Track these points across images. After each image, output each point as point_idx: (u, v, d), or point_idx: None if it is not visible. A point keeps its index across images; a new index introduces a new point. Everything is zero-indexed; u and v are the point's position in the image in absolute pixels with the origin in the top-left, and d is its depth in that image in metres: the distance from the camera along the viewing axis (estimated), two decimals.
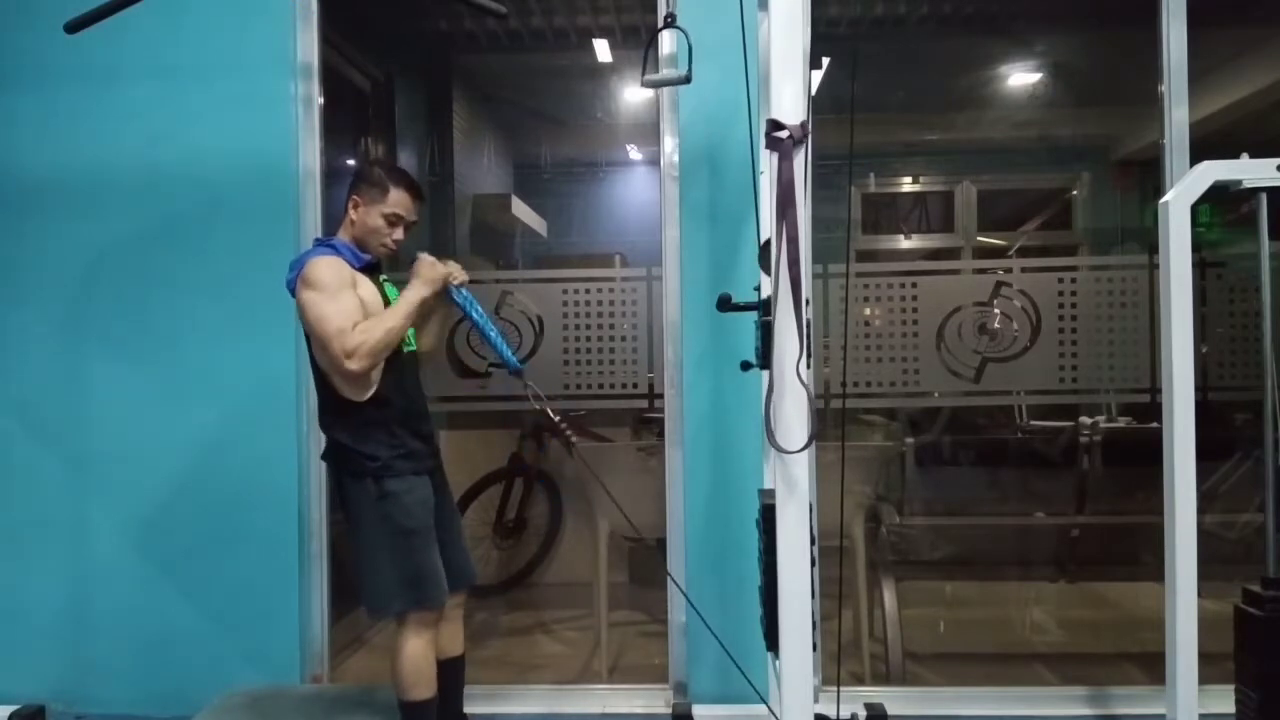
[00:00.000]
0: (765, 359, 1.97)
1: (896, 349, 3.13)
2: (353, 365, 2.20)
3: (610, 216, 6.46)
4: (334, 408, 2.34)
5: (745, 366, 2.24)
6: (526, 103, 6.13)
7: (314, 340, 2.28)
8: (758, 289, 2.26)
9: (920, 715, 2.89)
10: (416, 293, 2.34)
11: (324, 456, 2.44)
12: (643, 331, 3.19)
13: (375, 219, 2.35)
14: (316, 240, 2.48)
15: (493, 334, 2.45)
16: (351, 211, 2.37)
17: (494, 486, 4.23)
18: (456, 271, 2.43)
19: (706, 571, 2.95)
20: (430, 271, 2.37)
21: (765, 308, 1.98)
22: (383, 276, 2.45)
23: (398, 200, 2.36)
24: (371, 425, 2.31)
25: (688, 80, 2.35)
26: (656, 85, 2.72)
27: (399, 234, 2.39)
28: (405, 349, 2.39)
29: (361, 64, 4.27)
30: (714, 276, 2.94)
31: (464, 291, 2.43)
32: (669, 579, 2.97)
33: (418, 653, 2.32)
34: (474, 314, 2.44)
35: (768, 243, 1.95)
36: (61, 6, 2.47)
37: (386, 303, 2.36)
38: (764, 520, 2.07)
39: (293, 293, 2.32)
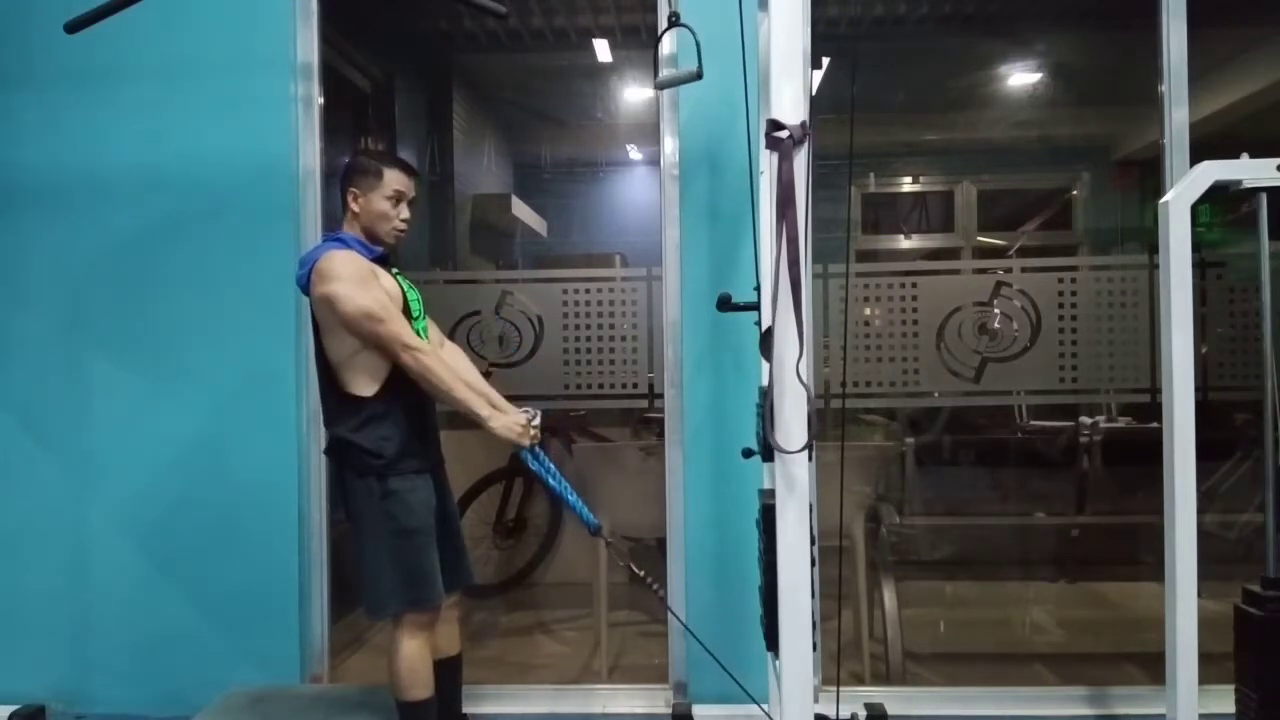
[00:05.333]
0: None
1: (896, 349, 3.13)
2: (406, 357, 2.24)
3: (610, 216, 6.45)
4: (338, 404, 2.34)
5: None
6: (526, 103, 6.12)
7: (355, 324, 2.24)
8: (757, 289, 2.25)
9: (920, 715, 2.89)
10: (485, 418, 2.32)
11: (326, 452, 2.44)
12: (643, 331, 3.19)
13: (379, 203, 2.35)
14: (326, 236, 2.46)
15: (571, 499, 2.47)
16: (353, 204, 2.36)
17: (494, 486, 4.23)
18: (527, 437, 2.38)
19: (706, 571, 2.95)
20: (507, 433, 2.34)
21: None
22: (394, 270, 2.44)
23: (393, 179, 2.36)
24: (375, 421, 2.30)
25: (699, 77, 2.34)
26: (668, 85, 2.71)
27: (405, 212, 2.39)
28: None
29: (361, 64, 4.27)
30: (714, 276, 2.94)
31: (539, 453, 2.42)
32: (669, 608, 2.97)
33: (413, 653, 2.32)
34: (550, 480, 2.45)
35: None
36: (61, 6, 2.47)
37: (404, 296, 2.37)
38: (764, 520, 2.07)
39: (304, 289, 2.32)
